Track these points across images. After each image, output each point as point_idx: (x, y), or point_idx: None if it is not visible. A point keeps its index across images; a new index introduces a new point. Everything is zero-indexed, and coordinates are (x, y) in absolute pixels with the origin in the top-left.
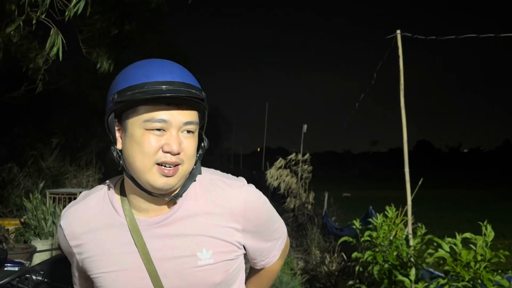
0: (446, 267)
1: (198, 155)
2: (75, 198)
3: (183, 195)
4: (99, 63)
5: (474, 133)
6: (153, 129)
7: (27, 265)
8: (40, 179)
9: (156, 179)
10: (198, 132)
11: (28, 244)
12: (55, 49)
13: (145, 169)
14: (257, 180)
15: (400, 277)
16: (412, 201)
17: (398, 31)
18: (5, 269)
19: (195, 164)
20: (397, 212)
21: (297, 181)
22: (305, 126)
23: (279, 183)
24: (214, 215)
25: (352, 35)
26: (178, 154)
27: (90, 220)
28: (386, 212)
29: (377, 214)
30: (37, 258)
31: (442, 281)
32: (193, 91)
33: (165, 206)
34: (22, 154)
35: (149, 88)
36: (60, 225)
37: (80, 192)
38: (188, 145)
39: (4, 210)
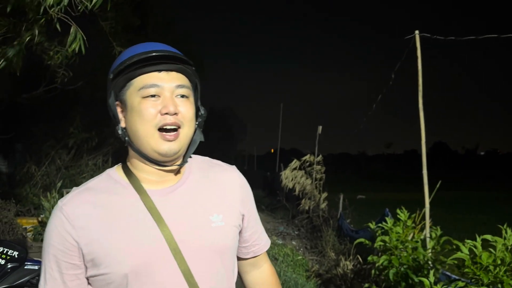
0: (466, 270)
1: (197, 122)
2: None
3: (188, 169)
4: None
5: (491, 135)
6: (148, 96)
7: None
8: (57, 178)
9: (159, 144)
10: (195, 102)
11: None
12: (74, 45)
13: (148, 134)
14: (271, 181)
15: (419, 278)
16: (429, 203)
17: (417, 32)
18: (25, 267)
19: (194, 132)
20: (414, 215)
21: (312, 183)
22: (320, 128)
23: (294, 184)
24: (218, 186)
25: (369, 36)
26: (176, 114)
27: (93, 200)
28: (398, 215)
29: (387, 218)
30: None
31: (460, 284)
32: (176, 55)
33: (173, 178)
34: (39, 153)
35: (134, 58)
36: (59, 211)
37: None
38: (185, 107)
39: (22, 209)
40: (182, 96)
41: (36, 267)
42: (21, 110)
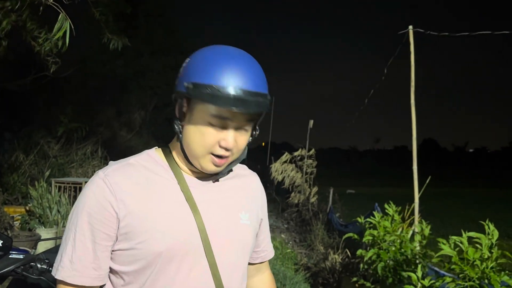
0: (453, 266)
1: (247, 141)
2: (80, 188)
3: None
4: (114, 41)
5: (480, 133)
6: (215, 123)
7: (32, 253)
8: (46, 167)
9: (208, 165)
10: (254, 124)
11: (32, 232)
12: (60, 32)
13: (199, 155)
14: (262, 174)
15: (407, 273)
16: (418, 198)
17: (410, 27)
18: (10, 256)
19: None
20: (401, 208)
21: (302, 176)
22: (311, 122)
23: (284, 177)
24: (245, 188)
25: (361, 31)
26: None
27: (136, 175)
28: (386, 210)
29: (375, 213)
30: (41, 247)
31: (448, 279)
32: (260, 100)
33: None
34: (28, 141)
35: (220, 94)
36: (101, 180)
37: (86, 182)
38: (242, 140)
39: (9, 197)
40: (245, 129)
41: (21, 256)
42: (10, 97)
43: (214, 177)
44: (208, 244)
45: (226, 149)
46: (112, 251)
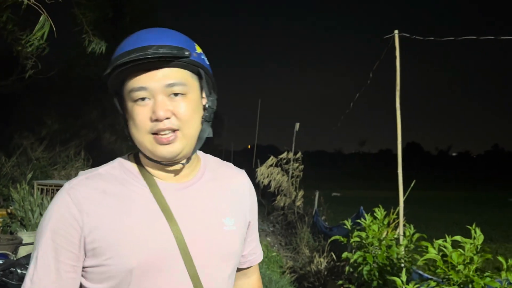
0: (438, 270)
1: (203, 116)
2: None
3: (202, 168)
4: (94, 44)
5: (464, 137)
6: (137, 99)
7: (12, 257)
8: (28, 169)
9: (156, 149)
10: (201, 92)
11: (14, 235)
12: (39, 32)
13: (142, 140)
14: (248, 176)
15: (391, 277)
16: (403, 202)
17: (396, 31)
18: None
19: (202, 125)
20: (390, 217)
21: (288, 180)
22: (297, 125)
23: (270, 181)
24: (230, 189)
25: (347, 34)
26: (168, 118)
27: (103, 186)
28: (375, 214)
29: (366, 215)
30: (23, 250)
31: (432, 283)
32: (162, 50)
33: (187, 174)
34: (10, 143)
35: (118, 58)
36: (65, 193)
37: None
38: (180, 108)
39: None
40: (177, 94)
41: (0, 262)
42: None
43: (191, 181)
44: (188, 256)
45: (161, 121)
46: (83, 268)
